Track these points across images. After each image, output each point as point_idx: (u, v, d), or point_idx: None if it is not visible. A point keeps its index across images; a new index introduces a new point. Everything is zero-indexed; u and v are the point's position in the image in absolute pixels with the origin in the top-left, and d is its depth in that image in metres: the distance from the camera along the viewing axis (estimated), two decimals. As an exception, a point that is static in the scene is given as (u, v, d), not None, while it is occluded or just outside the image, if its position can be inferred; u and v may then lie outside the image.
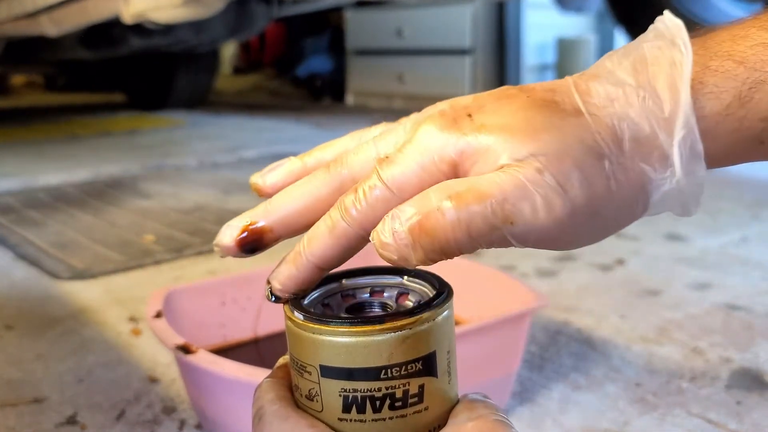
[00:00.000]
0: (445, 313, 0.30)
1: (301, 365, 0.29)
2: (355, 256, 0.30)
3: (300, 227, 0.31)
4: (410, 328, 0.28)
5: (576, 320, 0.98)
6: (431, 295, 0.31)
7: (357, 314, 0.31)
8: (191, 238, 1.41)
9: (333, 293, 0.33)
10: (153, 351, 0.91)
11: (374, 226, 0.28)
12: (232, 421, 0.66)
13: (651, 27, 0.30)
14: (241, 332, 0.84)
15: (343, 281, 0.34)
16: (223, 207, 1.67)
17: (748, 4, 2.29)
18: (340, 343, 0.28)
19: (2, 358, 0.91)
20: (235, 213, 0.32)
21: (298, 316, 0.29)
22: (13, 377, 0.86)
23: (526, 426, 0.73)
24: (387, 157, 0.29)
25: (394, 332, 0.28)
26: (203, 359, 0.64)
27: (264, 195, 0.33)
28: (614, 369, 0.84)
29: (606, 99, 0.28)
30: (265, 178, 0.34)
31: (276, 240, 0.31)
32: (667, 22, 0.30)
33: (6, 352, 0.93)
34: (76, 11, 2.12)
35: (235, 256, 0.31)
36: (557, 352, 0.89)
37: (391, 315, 0.29)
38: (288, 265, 0.30)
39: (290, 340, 0.30)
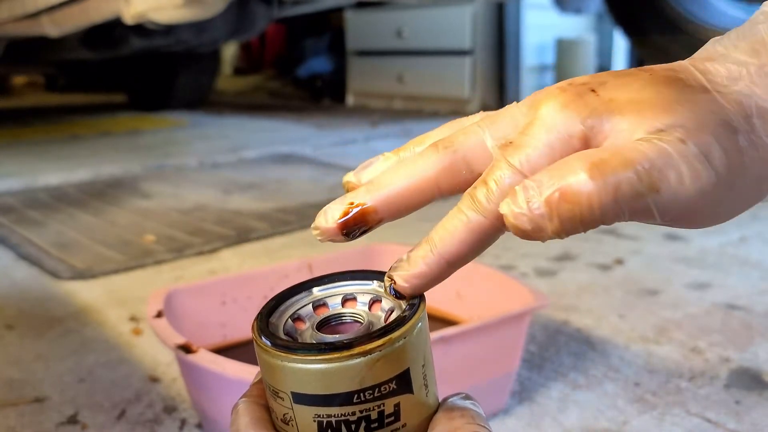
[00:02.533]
0: (417, 327, 0.29)
1: (273, 390, 0.29)
2: (332, 261, 0.29)
3: (405, 209, 0.30)
4: (380, 351, 0.27)
5: (575, 320, 0.98)
6: (403, 305, 0.30)
7: (325, 339, 0.30)
8: (191, 238, 1.41)
9: (304, 305, 0.32)
10: (154, 350, 0.91)
11: None
12: (233, 421, 0.66)
13: (759, 10, 0.30)
14: (242, 332, 0.85)
15: (314, 290, 0.32)
16: (224, 207, 1.67)
17: (748, 4, 2.29)
18: (311, 370, 0.27)
19: (3, 358, 0.91)
20: (236, 213, 0.31)
21: (266, 342, 0.29)
22: (14, 377, 0.86)
23: (525, 425, 0.73)
24: (510, 142, 0.28)
25: (364, 356, 0.27)
26: (204, 359, 0.64)
27: None
28: (613, 368, 0.84)
29: (728, 78, 0.28)
30: (360, 175, 0.32)
31: (379, 222, 0.30)
32: None
33: (7, 352, 0.93)
34: (77, 12, 2.12)
35: (334, 240, 0.30)
36: (557, 352, 0.89)
37: (359, 339, 0.28)
38: (416, 262, 0.29)
39: (261, 364, 0.29)
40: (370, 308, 0.31)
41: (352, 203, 0.29)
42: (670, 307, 1.02)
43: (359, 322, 0.31)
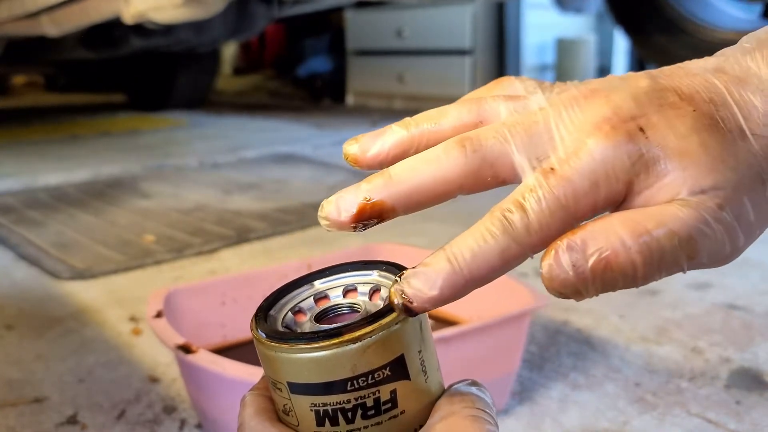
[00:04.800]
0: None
1: (273, 381, 0.29)
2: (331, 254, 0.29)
3: (423, 206, 0.29)
4: (371, 337, 0.27)
5: (575, 320, 0.98)
6: None
7: (318, 327, 0.30)
8: (191, 238, 1.41)
9: (305, 297, 0.32)
10: (153, 351, 0.91)
11: (545, 246, 0.27)
12: (233, 421, 0.66)
13: None
14: (242, 332, 0.85)
15: (316, 283, 0.33)
16: (224, 207, 1.67)
17: (748, 4, 2.29)
18: (304, 359, 0.28)
19: (2, 358, 0.91)
20: (236, 213, 0.31)
21: (261, 334, 0.29)
22: (14, 377, 0.86)
23: (526, 425, 0.73)
24: (552, 169, 0.27)
25: (353, 343, 0.27)
26: (204, 359, 0.64)
27: (362, 167, 0.30)
28: (614, 368, 0.84)
29: (764, 114, 0.28)
30: (365, 147, 0.30)
31: (393, 216, 0.29)
32: None
33: (6, 352, 0.93)
34: (76, 11, 2.12)
35: (341, 230, 0.29)
36: (557, 352, 0.89)
37: (348, 326, 0.28)
38: (437, 283, 0.27)
39: (260, 357, 0.30)
40: (370, 298, 0.32)
41: (368, 199, 0.28)
42: (671, 308, 1.02)
43: (357, 311, 0.31)
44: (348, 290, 0.32)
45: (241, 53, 5.28)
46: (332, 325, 0.29)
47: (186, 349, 0.65)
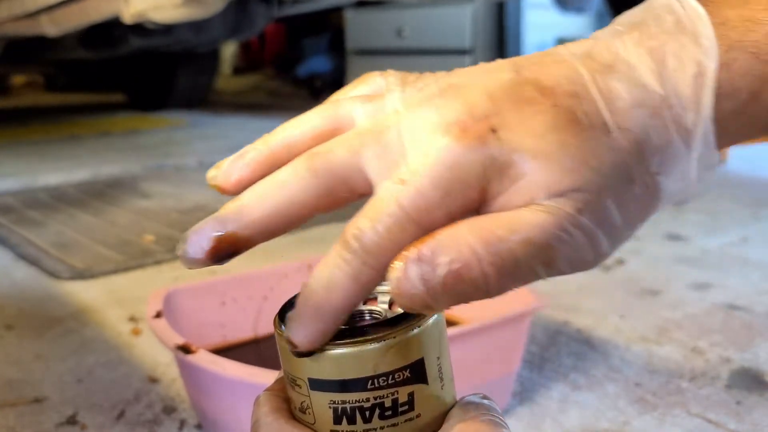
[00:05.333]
0: (432, 318, 0.29)
1: (291, 378, 0.29)
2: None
3: (280, 232, 0.28)
4: (394, 337, 0.28)
5: (576, 320, 0.98)
6: None
7: (342, 326, 0.31)
8: (191, 238, 1.41)
9: None
10: (153, 351, 0.91)
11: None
12: (233, 421, 0.66)
13: (666, 6, 0.27)
14: (241, 332, 0.85)
15: None
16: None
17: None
18: (326, 356, 0.28)
19: (2, 358, 0.91)
20: None
21: (285, 329, 0.29)
22: (13, 377, 0.86)
23: (526, 426, 0.73)
24: (402, 181, 0.25)
25: (378, 342, 0.28)
26: (203, 359, 0.64)
27: (228, 194, 0.29)
28: (614, 369, 0.84)
29: (631, 105, 0.26)
30: (227, 173, 0.29)
31: (251, 246, 0.28)
32: (687, 8, 0.27)
33: (6, 352, 0.93)
34: (76, 11, 2.12)
35: (202, 267, 0.28)
36: (557, 352, 0.89)
37: (374, 325, 0.28)
38: (310, 321, 0.27)
39: (281, 354, 0.30)
40: (390, 307, 0.32)
41: (221, 233, 0.27)
42: (671, 308, 1.02)
43: (378, 319, 0.32)
44: (369, 298, 0.32)
45: (240, 53, 5.28)
46: (357, 325, 0.29)
47: (185, 349, 0.65)
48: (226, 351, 0.82)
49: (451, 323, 0.85)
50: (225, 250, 0.27)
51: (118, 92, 4.06)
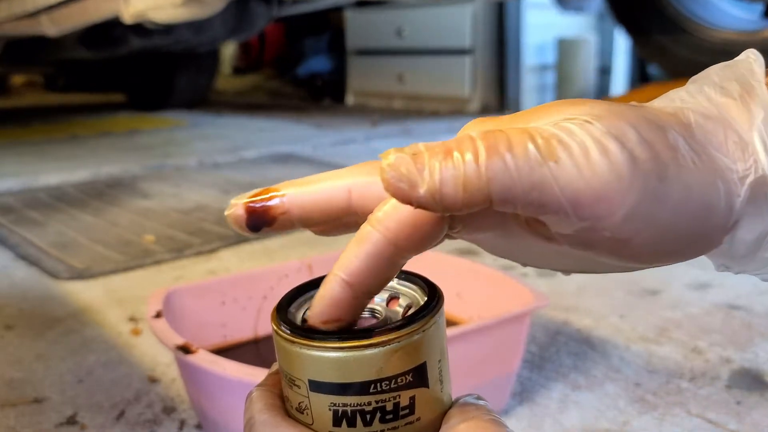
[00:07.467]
0: (435, 322, 0.29)
1: (290, 378, 0.29)
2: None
3: (317, 220, 0.30)
4: (398, 342, 0.27)
5: (576, 320, 0.98)
6: (421, 302, 0.30)
7: (345, 328, 0.31)
8: (191, 238, 1.41)
9: None
10: (153, 351, 0.91)
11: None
12: (233, 421, 0.66)
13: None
14: (242, 332, 0.85)
15: None
16: (223, 207, 1.65)
17: (749, 3, 2.29)
18: (329, 358, 0.27)
19: (2, 358, 0.91)
20: None
21: (285, 329, 0.29)
22: (14, 377, 0.86)
23: (526, 425, 0.73)
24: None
25: (383, 346, 0.27)
26: (203, 359, 0.64)
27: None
28: (614, 369, 0.84)
29: (667, 99, 0.26)
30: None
31: (288, 226, 0.30)
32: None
33: (6, 352, 0.93)
34: (76, 11, 2.12)
35: (242, 230, 0.29)
36: (557, 352, 0.89)
37: (379, 329, 0.28)
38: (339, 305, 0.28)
39: (278, 352, 0.29)
40: (387, 304, 0.32)
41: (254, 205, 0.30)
42: (671, 307, 1.02)
43: (376, 317, 0.31)
44: None
45: (240, 53, 5.27)
46: (361, 327, 0.29)
47: (185, 349, 0.65)
48: (226, 351, 0.82)
49: (451, 323, 0.85)
50: (256, 220, 0.29)
51: (118, 92, 4.06)
